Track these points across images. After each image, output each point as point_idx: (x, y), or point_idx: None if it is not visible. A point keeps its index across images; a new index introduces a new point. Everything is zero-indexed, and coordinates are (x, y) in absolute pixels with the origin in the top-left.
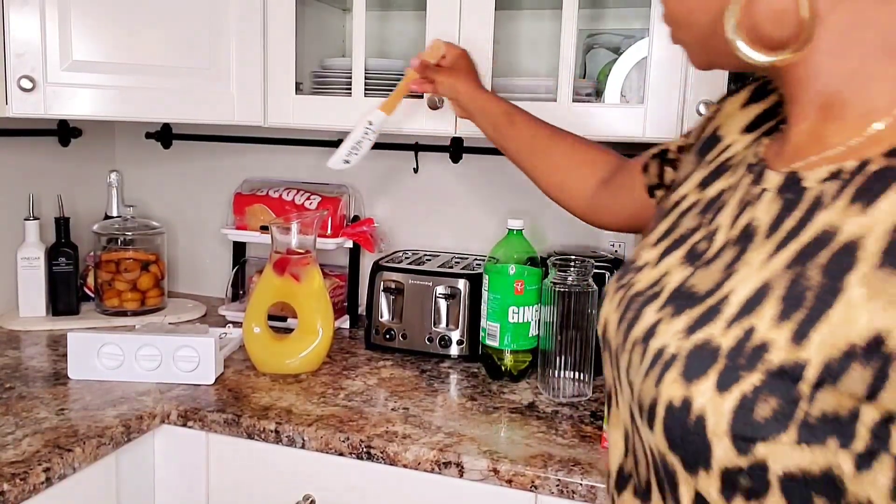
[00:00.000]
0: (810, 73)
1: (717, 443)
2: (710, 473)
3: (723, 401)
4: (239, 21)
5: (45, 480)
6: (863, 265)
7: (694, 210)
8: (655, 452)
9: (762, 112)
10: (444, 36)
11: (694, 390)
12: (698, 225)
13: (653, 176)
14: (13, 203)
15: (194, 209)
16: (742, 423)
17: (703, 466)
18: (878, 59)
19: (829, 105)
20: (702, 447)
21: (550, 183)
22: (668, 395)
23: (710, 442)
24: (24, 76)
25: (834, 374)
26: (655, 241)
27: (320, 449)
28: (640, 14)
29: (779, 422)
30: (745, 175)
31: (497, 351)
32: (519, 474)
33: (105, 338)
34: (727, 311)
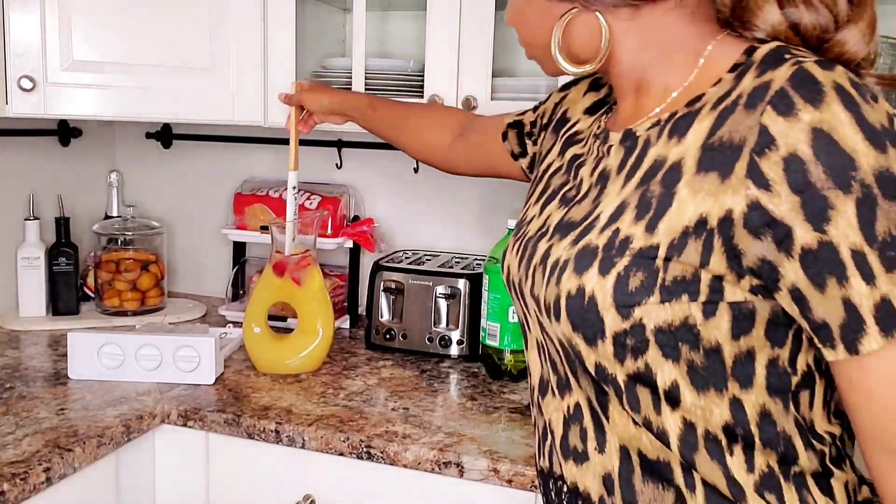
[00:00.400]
0: (624, 68)
1: (605, 314)
2: (605, 341)
3: (605, 281)
4: (239, 21)
5: (45, 480)
6: (686, 175)
7: (560, 172)
8: (564, 341)
9: (598, 99)
10: (444, 35)
11: (584, 279)
12: (566, 181)
13: (514, 145)
14: (13, 203)
15: (194, 209)
16: (620, 294)
17: (599, 337)
18: (665, 53)
19: (640, 86)
20: (596, 321)
21: (414, 147)
22: (567, 287)
23: (602, 314)
24: (24, 76)
25: (678, 249)
26: (536, 200)
27: (320, 449)
28: None
29: (646, 288)
30: (595, 142)
31: (497, 351)
32: (519, 474)
33: (105, 338)
34: (598, 224)
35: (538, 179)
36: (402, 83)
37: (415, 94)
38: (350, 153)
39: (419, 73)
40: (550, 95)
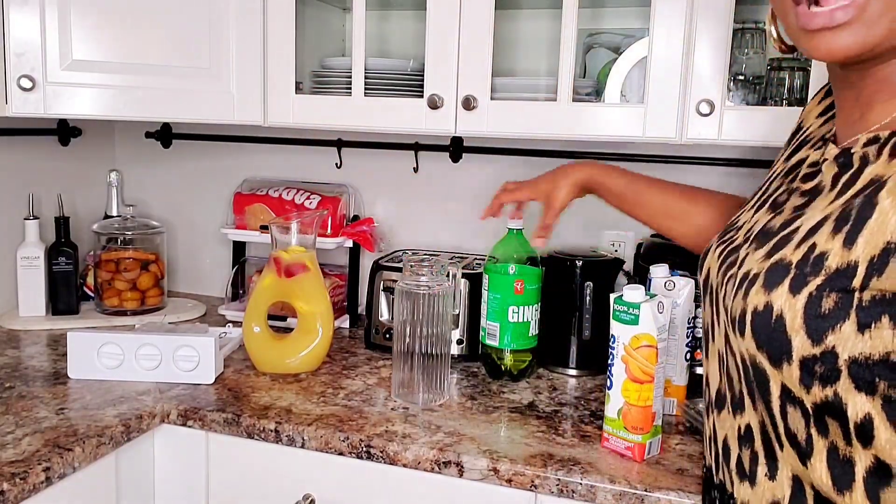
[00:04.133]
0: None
1: (794, 336)
2: (791, 365)
3: (795, 301)
4: (239, 20)
5: (44, 480)
6: (890, 182)
7: (779, 176)
8: (747, 357)
9: (830, 103)
10: (444, 35)
11: (773, 296)
12: (781, 185)
13: None
14: (13, 202)
15: (194, 209)
16: (812, 316)
17: (786, 359)
18: None
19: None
20: (783, 341)
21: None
22: (754, 303)
23: (790, 336)
24: (23, 76)
25: (878, 268)
26: (752, 207)
27: (320, 448)
28: (640, 13)
29: (840, 310)
30: (817, 145)
31: (497, 350)
32: (519, 474)
33: (105, 337)
34: (796, 238)
35: (761, 186)
36: (402, 83)
37: (415, 93)
38: (350, 153)
39: (419, 72)
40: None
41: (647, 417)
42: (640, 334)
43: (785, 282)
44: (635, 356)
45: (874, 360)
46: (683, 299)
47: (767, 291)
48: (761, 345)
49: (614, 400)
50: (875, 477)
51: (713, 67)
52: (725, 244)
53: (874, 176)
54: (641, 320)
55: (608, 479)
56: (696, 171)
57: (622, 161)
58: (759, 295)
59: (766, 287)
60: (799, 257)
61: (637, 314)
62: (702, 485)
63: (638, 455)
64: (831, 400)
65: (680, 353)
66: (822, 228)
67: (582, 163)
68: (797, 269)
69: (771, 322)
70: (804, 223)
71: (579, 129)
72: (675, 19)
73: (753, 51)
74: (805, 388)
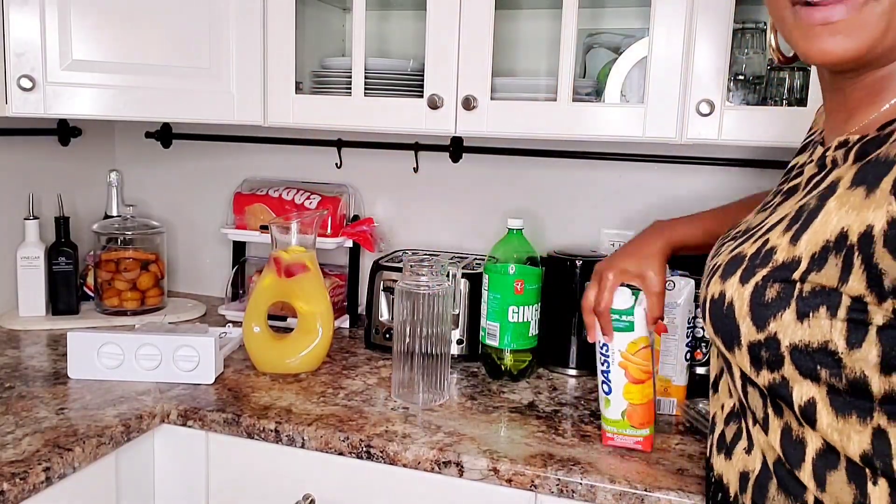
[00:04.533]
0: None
1: (742, 322)
2: (741, 350)
3: (743, 290)
4: (239, 20)
5: (44, 480)
6: (840, 188)
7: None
8: (713, 342)
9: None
10: (444, 35)
11: (726, 285)
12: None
13: None
14: (13, 202)
15: (194, 209)
16: (756, 304)
17: (736, 345)
18: None
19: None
20: (733, 327)
21: None
22: (712, 291)
23: (738, 322)
24: (23, 75)
25: (818, 263)
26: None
27: (320, 448)
28: (640, 13)
29: (782, 300)
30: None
31: (497, 350)
32: (519, 474)
33: (105, 337)
34: (757, 234)
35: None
36: (402, 83)
37: (415, 93)
38: (350, 153)
39: (419, 72)
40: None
41: (650, 410)
42: (637, 339)
43: (737, 272)
44: (634, 360)
45: (813, 347)
46: (683, 299)
47: (723, 281)
48: (717, 331)
49: (616, 404)
50: (823, 459)
51: (713, 67)
52: (722, 240)
53: (835, 178)
54: (636, 326)
55: (608, 478)
56: (696, 171)
57: (623, 161)
58: (716, 284)
59: (722, 277)
60: (753, 251)
61: (631, 321)
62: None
63: (648, 446)
64: (778, 383)
65: (680, 353)
66: (777, 226)
67: (652, 234)
68: (749, 262)
69: (723, 309)
70: (767, 221)
71: (579, 129)
72: (675, 19)
73: (753, 51)
74: (755, 372)
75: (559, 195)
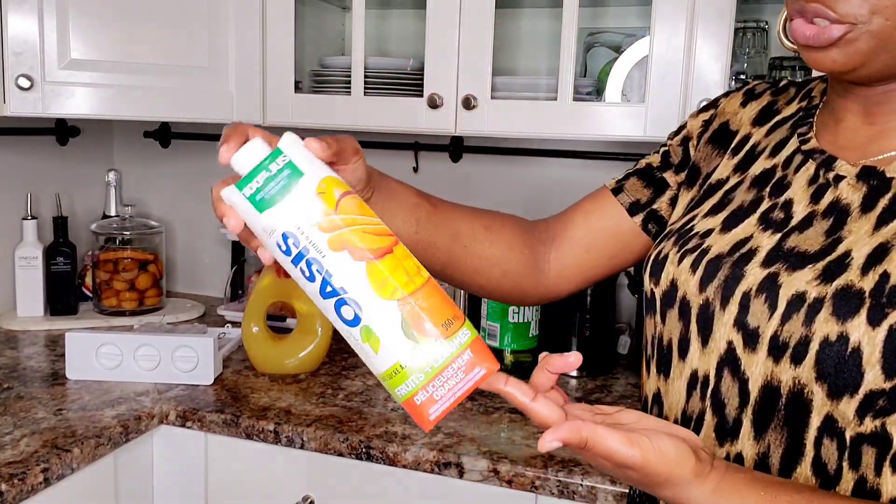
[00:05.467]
0: None
1: (869, 370)
2: (853, 398)
3: (875, 334)
4: (238, 20)
5: (43, 481)
6: None
7: (742, 186)
8: (789, 386)
9: (763, 107)
10: (444, 34)
11: (849, 326)
12: (756, 198)
13: (634, 194)
14: (11, 202)
15: (193, 208)
16: (891, 351)
17: (849, 392)
18: None
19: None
20: (855, 375)
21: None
22: (824, 332)
23: (864, 370)
24: (21, 75)
25: None
26: (708, 214)
27: (319, 449)
28: (640, 12)
29: None
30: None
31: (497, 351)
32: (519, 475)
33: (103, 338)
34: (855, 263)
35: (705, 193)
36: (402, 82)
37: (414, 93)
38: None
39: (419, 71)
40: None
41: (443, 296)
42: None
43: (861, 312)
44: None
45: None
46: None
47: (840, 320)
48: (824, 375)
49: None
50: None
51: (714, 67)
52: (692, 252)
53: None
54: (302, 167)
55: (609, 480)
56: None
57: (623, 161)
58: (830, 324)
59: (836, 315)
60: (871, 286)
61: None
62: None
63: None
64: (878, 431)
65: None
66: (889, 256)
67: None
68: (872, 299)
69: (845, 354)
70: (852, 248)
71: (580, 128)
72: (676, 18)
73: (755, 50)
74: (857, 420)
75: (559, 195)
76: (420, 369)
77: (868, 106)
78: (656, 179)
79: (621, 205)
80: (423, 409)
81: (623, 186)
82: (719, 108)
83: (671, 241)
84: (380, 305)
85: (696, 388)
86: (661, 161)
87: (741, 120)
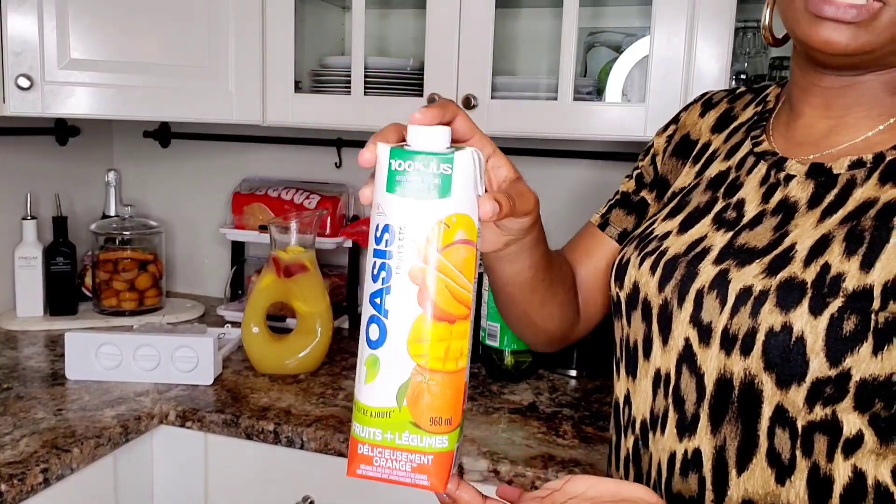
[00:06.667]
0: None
1: (813, 358)
2: (801, 386)
3: (817, 323)
4: (238, 19)
5: (42, 481)
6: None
7: (696, 189)
8: (739, 377)
9: (721, 114)
10: (444, 33)
11: (791, 316)
12: (711, 199)
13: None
14: (11, 202)
15: (193, 208)
16: (833, 338)
17: (796, 381)
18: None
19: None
20: (800, 363)
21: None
22: (769, 322)
23: (808, 358)
24: (21, 75)
25: (893, 291)
26: (666, 217)
27: (319, 450)
28: (641, 12)
29: (860, 334)
30: (752, 160)
31: (497, 351)
32: (519, 475)
33: (103, 338)
34: (798, 256)
35: (666, 201)
36: (402, 82)
37: (414, 92)
38: (349, 152)
39: (419, 71)
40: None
41: (457, 395)
42: (456, 215)
43: (804, 302)
44: (445, 264)
45: (880, 380)
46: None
47: (783, 311)
48: (771, 365)
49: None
50: (851, 491)
51: (714, 67)
52: (651, 255)
53: (866, 199)
54: (456, 190)
55: None
56: None
57: (624, 161)
58: (774, 314)
59: (779, 306)
60: (813, 277)
61: (449, 174)
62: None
63: (438, 477)
64: (828, 419)
65: None
66: (829, 248)
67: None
68: (814, 290)
69: (790, 343)
70: (797, 241)
71: (580, 128)
72: (677, 18)
73: (755, 50)
74: (807, 409)
75: (559, 195)
76: (382, 431)
77: (828, 98)
78: (635, 203)
79: (611, 238)
80: (357, 459)
81: (608, 220)
82: (680, 121)
83: (633, 245)
84: (400, 355)
85: (659, 386)
86: (636, 184)
87: (700, 130)
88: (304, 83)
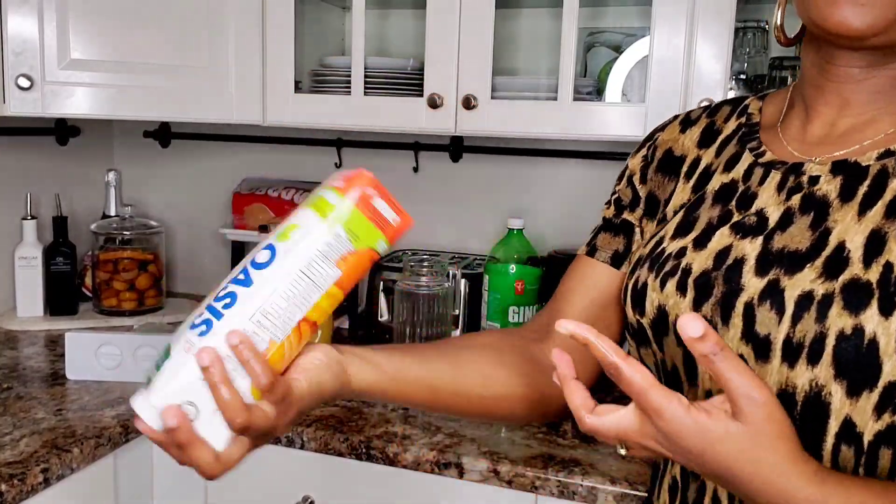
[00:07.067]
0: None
1: (887, 360)
2: (872, 392)
3: (889, 324)
4: (238, 19)
5: (42, 481)
6: None
7: (705, 204)
8: (801, 391)
9: (704, 128)
10: (444, 34)
11: (862, 318)
12: (724, 212)
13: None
14: (11, 202)
15: (193, 208)
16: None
17: (868, 387)
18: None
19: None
20: (873, 367)
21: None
22: (838, 326)
23: (881, 360)
24: (21, 75)
25: None
26: (675, 236)
27: (319, 449)
28: (641, 12)
29: None
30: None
31: None
32: (519, 475)
33: (103, 338)
34: (855, 256)
35: (667, 219)
36: (402, 82)
37: (414, 93)
38: (350, 152)
39: (419, 71)
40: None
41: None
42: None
43: (872, 303)
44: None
45: None
46: None
47: (852, 313)
48: (843, 372)
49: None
50: None
51: (715, 67)
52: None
53: None
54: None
55: (609, 480)
56: None
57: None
58: (844, 317)
59: (848, 309)
60: (877, 277)
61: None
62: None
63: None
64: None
65: None
66: (888, 246)
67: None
68: (880, 290)
69: (862, 346)
70: (845, 239)
71: (580, 128)
72: (677, 18)
73: (755, 50)
74: (875, 416)
75: (559, 195)
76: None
77: (846, 95)
78: (619, 225)
79: (603, 262)
80: None
81: (595, 245)
82: (656, 140)
83: (645, 267)
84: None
85: None
86: (615, 209)
87: (684, 145)
88: (304, 83)
